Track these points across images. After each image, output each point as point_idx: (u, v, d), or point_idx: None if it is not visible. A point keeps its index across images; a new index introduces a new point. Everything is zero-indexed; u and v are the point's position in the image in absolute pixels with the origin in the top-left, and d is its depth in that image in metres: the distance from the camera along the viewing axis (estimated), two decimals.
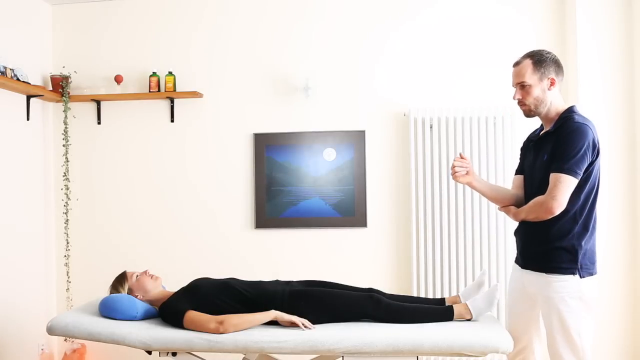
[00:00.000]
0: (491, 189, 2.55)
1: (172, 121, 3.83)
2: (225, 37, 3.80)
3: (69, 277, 3.81)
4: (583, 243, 2.22)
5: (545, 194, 2.21)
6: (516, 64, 2.35)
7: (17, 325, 3.52)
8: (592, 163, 2.20)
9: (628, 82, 3.39)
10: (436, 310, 2.51)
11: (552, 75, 2.28)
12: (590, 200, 2.24)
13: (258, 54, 3.78)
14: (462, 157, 2.46)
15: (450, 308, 2.50)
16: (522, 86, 2.30)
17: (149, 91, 3.76)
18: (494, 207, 3.43)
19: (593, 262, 2.26)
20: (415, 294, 3.49)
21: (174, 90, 3.75)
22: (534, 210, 2.26)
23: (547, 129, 2.33)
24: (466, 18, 3.64)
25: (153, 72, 3.77)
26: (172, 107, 3.81)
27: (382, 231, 3.68)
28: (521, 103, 2.33)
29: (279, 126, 3.75)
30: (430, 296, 3.48)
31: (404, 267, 3.65)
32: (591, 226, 2.25)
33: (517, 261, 2.48)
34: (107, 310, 2.57)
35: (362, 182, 3.67)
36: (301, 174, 3.71)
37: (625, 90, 3.39)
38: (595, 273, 2.27)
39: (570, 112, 2.27)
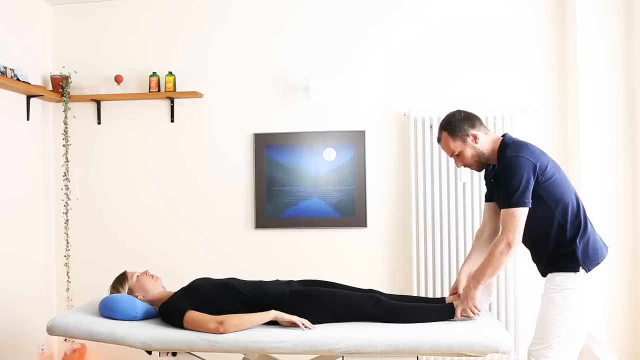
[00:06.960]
0: (477, 258, 2.56)
1: (172, 121, 3.83)
2: (226, 37, 3.80)
3: (69, 277, 3.81)
4: (578, 243, 2.30)
5: (500, 233, 2.31)
6: (438, 140, 2.53)
7: (17, 325, 3.52)
8: (541, 182, 2.28)
9: (628, 82, 3.39)
10: (437, 308, 2.51)
11: (470, 131, 2.42)
12: (570, 209, 2.32)
13: (258, 54, 3.78)
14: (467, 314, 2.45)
15: (451, 305, 2.49)
16: (455, 155, 2.48)
17: (149, 91, 3.76)
18: None
19: (595, 254, 2.32)
20: (415, 294, 3.49)
21: (174, 90, 3.75)
22: (495, 255, 2.29)
23: (495, 165, 2.47)
24: (466, 18, 3.64)
25: (153, 72, 3.77)
26: (172, 107, 3.82)
27: (382, 231, 3.68)
28: (466, 166, 2.49)
29: (279, 126, 3.75)
30: (430, 296, 3.48)
31: (404, 267, 3.65)
32: (581, 228, 2.32)
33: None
34: (107, 311, 2.57)
35: (362, 182, 3.67)
36: (301, 174, 3.71)
37: (625, 90, 3.39)
38: (602, 259, 2.33)
39: (503, 146, 2.39)
